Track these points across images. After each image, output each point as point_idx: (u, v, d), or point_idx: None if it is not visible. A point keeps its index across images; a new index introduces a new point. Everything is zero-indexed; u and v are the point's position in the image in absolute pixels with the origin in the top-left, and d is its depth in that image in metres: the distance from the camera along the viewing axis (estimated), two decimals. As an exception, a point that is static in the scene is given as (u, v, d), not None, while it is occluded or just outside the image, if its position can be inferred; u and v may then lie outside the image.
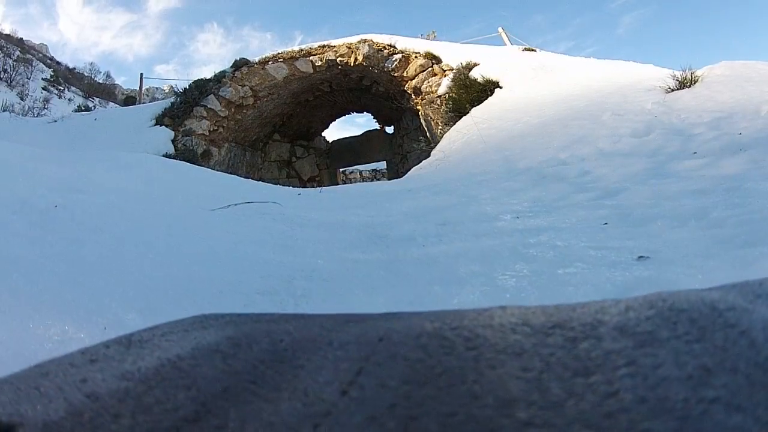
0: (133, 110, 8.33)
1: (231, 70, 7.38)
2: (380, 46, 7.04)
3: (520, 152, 2.98)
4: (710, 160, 1.80)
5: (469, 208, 2.08)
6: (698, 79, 3.47)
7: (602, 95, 3.96)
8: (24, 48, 39.85)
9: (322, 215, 2.36)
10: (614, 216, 1.55)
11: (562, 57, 6.79)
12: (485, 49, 7.32)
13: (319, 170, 9.78)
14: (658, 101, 3.25)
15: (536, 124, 3.76)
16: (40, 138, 7.24)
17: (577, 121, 3.23)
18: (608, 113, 3.20)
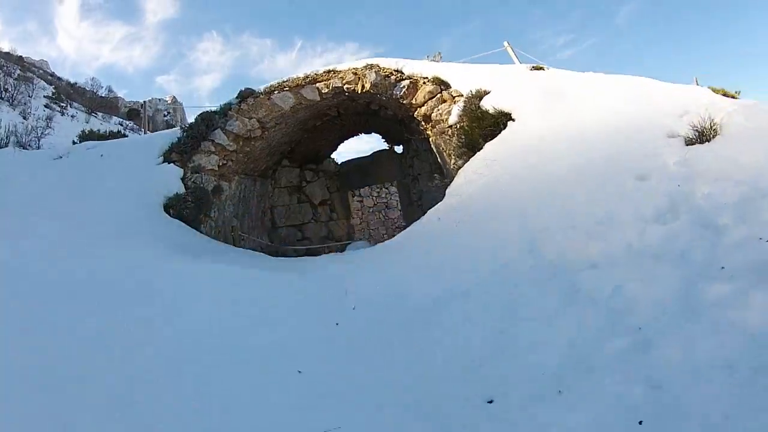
0: (139, 143, 8.36)
1: (236, 101, 7.42)
2: (387, 72, 7.04)
3: (542, 227, 2.97)
4: (739, 287, 1.76)
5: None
6: (717, 130, 3.41)
7: (619, 142, 3.91)
8: (24, 66, 40.40)
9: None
10: (650, 410, 1.51)
11: (572, 76, 6.74)
12: (493, 68, 7.29)
13: (330, 193, 9.81)
14: (679, 159, 3.21)
15: (554, 178, 3.74)
16: (49, 179, 7.31)
17: (599, 185, 3.22)
18: (630, 176, 3.18)
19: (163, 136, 8.29)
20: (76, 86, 45.58)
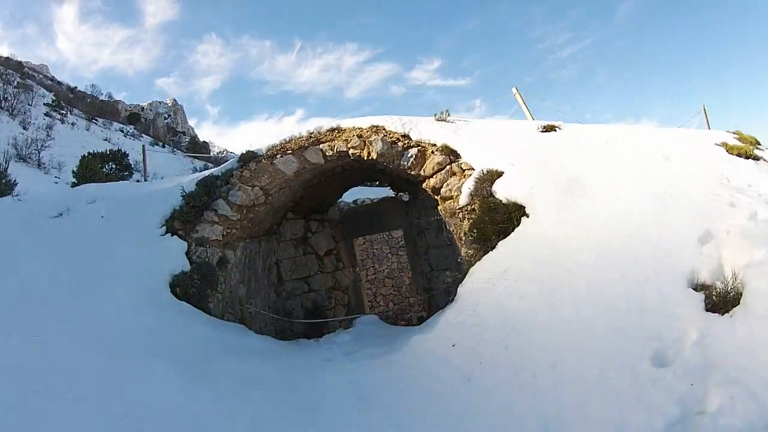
0: (140, 200, 8.18)
1: (238, 165, 7.31)
2: (393, 137, 6.87)
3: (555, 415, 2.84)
4: None
5: None
6: (739, 300, 3.21)
7: (636, 292, 3.73)
8: (24, 72, 40.43)
9: None
10: None
11: (586, 146, 6.54)
12: (503, 131, 7.11)
13: (336, 242, 9.70)
14: (697, 338, 3.07)
15: (568, 329, 3.61)
16: (49, 256, 7.20)
17: (613, 368, 3.08)
18: (646, 355, 3.06)
19: (164, 194, 8.09)
20: (76, 90, 45.58)
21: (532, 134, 6.99)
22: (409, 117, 7.40)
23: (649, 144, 6.95)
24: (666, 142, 7.30)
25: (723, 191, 5.09)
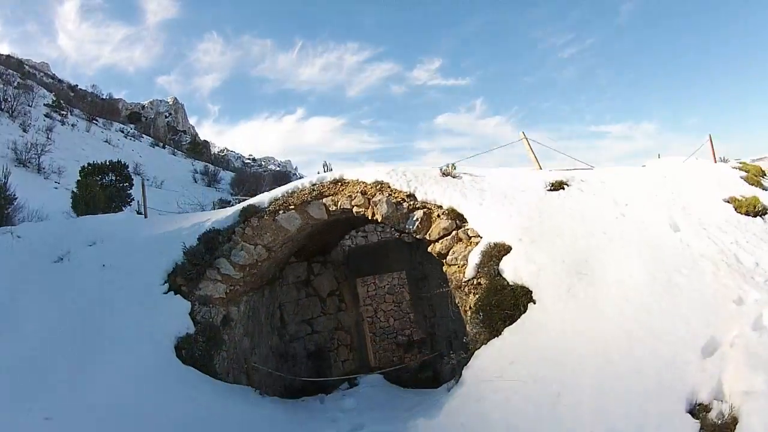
0: (142, 246, 8.14)
1: (240, 219, 7.30)
2: (398, 197, 6.84)
3: None
4: None
5: None
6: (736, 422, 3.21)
7: (636, 414, 3.73)
8: (24, 72, 40.31)
9: None
10: None
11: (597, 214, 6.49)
12: (510, 187, 7.06)
13: (338, 283, 9.70)
14: None
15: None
16: (56, 303, 7.21)
17: None
18: None
19: (164, 243, 8.00)
20: (77, 89, 45.54)
21: (540, 194, 6.93)
22: (414, 170, 7.36)
23: (658, 202, 6.90)
24: (674, 195, 7.26)
25: (731, 280, 5.06)
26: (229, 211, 7.73)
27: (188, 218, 8.84)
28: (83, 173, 18.52)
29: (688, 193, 7.51)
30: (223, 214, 7.86)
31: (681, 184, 7.94)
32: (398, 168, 7.45)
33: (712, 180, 8.59)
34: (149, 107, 51.52)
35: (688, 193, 7.56)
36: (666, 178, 8.15)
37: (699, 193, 7.55)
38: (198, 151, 42.50)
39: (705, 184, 8.10)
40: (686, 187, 7.84)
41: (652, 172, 8.86)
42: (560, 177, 7.46)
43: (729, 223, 6.56)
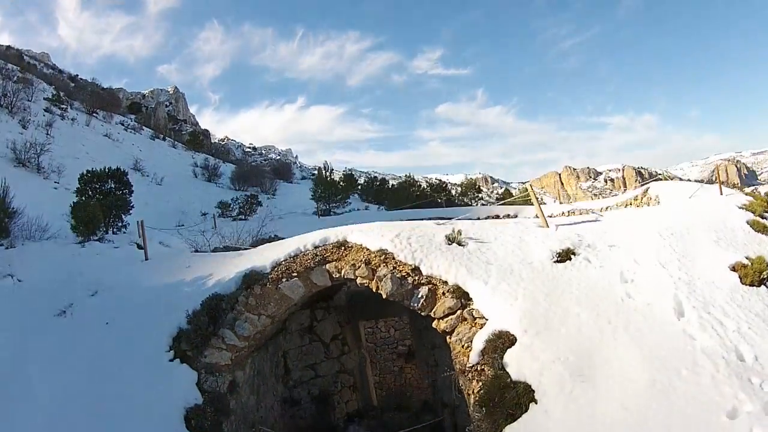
0: (145, 303, 8.17)
1: (243, 286, 7.32)
2: (403, 271, 6.85)
3: None
4: None
5: None
6: None
7: None
8: (24, 66, 39.88)
9: None
10: None
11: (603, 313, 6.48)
12: (515, 256, 7.04)
13: (341, 327, 9.78)
14: None
15: None
16: (62, 364, 7.30)
17: None
18: None
19: (169, 302, 7.94)
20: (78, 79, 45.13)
21: (546, 267, 6.91)
22: (419, 238, 7.32)
23: (664, 277, 6.88)
24: (681, 263, 7.23)
25: (728, 386, 5.05)
26: (231, 273, 7.72)
27: (190, 266, 8.84)
28: (82, 181, 18.47)
29: (694, 258, 7.48)
30: (226, 273, 7.87)
31: (687, 244, 7.90)
32: (403, 233, 7.44)
33: (719, 231, 8.57)
34: (150, 96, 51.14)
35: (694, 257, 7.53)
36: (673, 236, 8.11)
37: (705, 258, 7.52)
38: (198, 142, 42.31)
39: (711, 242, 8.06)
40: (692, 248, 7.81)
41: (659, 220, 8.82)
42: (568, 242, 7.43)
43: (733, 301, 6.55)
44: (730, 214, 9.54)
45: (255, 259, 7.97)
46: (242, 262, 8.06)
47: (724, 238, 8.41)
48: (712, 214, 9.52)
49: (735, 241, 8.39)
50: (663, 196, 13.65)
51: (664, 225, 8.59)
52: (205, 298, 7.35)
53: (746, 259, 7.62)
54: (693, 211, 9.60)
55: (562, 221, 8.71)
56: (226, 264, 8.36)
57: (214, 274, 8.07)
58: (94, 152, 31.27)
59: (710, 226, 8.83)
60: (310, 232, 8.23)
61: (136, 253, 10.41)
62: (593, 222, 8.67)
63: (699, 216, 9.26)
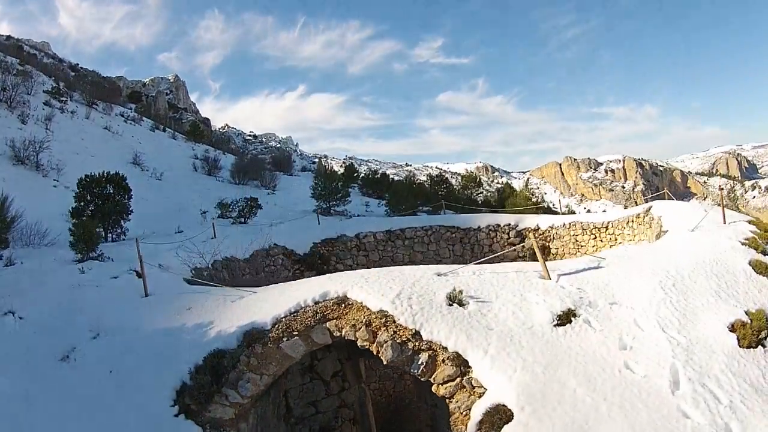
0: (148, 351, 8.21)
1: (245, 345, 7.40)
2: (404, 336, 6.90)
3: None
4: None
5: None
6: None
7: None
8: (23, 57, 39.45)
9: None
10: None
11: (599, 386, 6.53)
12: (515, 319, 7.09)
13: (341, 364, 9.90)
14: None
15: None
16: (69, 420, 7.40)
17: None
18: None
19: (170, 341, 8.06)
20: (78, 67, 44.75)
21: (546, 332, 6.95)
22: (419, 298, 7.33)
23: (662, 343, 6.92)
24: (681, 324, 7.27)
25: None
26: (233, 327, 7.74)
27: (190, 308, 8.87)
28: (81, 186, 18.46)
29: (695, 316, 7.51)
30: (227, 324, 7.91)
31: (689, 297, 7.91)
32: (404, 292, 7.47)
33: (720, 278, 8.60)
34: (150, 85, 50.74)
35: (695, 313, 7.56)
36: (675, 287, 8.12)
37: (705, 315, 7.56)
38: (198, 133, 42.13)
39: (712, 293, 8.07)
40: (693, 302, 7.83)
41: (662, 266, 8.83)
42: (569, 301, 7.45)
43: (729, 369, 6.60)
44: (733, 255, 9.55)
45: (255, 310, 8.01)
46: (243, 312, 8.11)
47: (726, 286, 8.45)
48: (714, 254, 9.53)
49: (736, 289, 8.44)
50: (666, 219, 13.61)
51: (667, 271, 8.60)
52: (207, 355, 7.43)
53: (746, 315, 7.67)
54: (696, 252, 9.59)
55: (563, 268, 8.72)
56: (226, 312, 8.41)
57: (215, 323, 8.13)
58: (93, 147, 31.11)
59: (712, 271, 8.86)
60: (310, 283, 8.30)
61: (136, 284, 10.39)
62: (595, 269, 8.68)
63: (701, 259, 9.26)
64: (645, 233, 15.11)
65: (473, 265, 8.71)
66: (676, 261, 9.08)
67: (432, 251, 20.16)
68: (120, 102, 42.08)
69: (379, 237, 19.98)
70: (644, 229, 15.20)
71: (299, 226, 20.57)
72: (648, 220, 14.96)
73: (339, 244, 19.58)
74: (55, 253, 14.46)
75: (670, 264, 8.92)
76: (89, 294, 10.23)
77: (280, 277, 17.84)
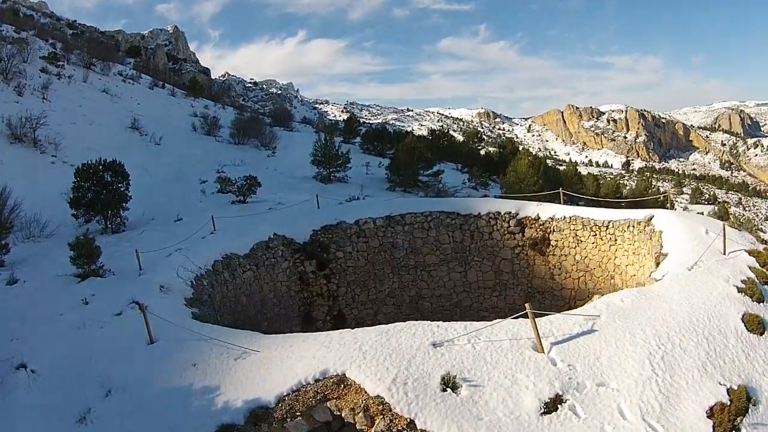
0: (157, 410, 8.52)
1: (251, 423, 7.81)
2: (399, 425, 7.27)
3: None
4: None
5: None
6: None
7: None
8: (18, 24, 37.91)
9: None
10: None
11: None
12: (503, 408, 7.40)
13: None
14: None
15: None
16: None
17: None
18: None
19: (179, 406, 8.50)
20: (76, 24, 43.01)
21: (532, 421, 7.29)
22: (415, 383, 7.62)
23: None
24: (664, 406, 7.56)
25: None
26: (239, 401, 8.10)
27: (195, 363, 9.18)
28: (78, 174, 18.46)
29: (678, 398, 7.75)
30: (233, 394, 8.27)
31: (675, 373, 8.11)
32: (399, 376, 7.74)
33: (711, 342, 8.82)
34: (149, 37, 49.02)
35: (677, 395, 7.79)
36: (663, 360, 8.29)
37: (688, 395, 7.84)
38: (198, 88, 41.27)
39: (699, 368, 8.30)
40: (678, 380, 8.02)
41: (654, 329, 9.00)
42: (557, 383, 7.72)
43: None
44: (726, 309, 9.74)
45: (258, 380, 8.33)
46: (247, 381, 8.41)
47: (714, 354, 8.69)
48: (708, 307, 9.72)
49: (725, 356, 8.70)
50: (666, 237, 13.61)
51: (658, 338, 8.72)
52: (217, 428, 7.85)
53: (728, 395, 7.98)
54: (690, 304, 9.71)
55: (557, 332, 8.92)
56: (230, 375, 8.69)
57: (221, 389, 8.44)
58: (91, 114, 30.74)
59: (703, 333, 9.04)
60: (310, 352, 8.57)
61: (138, 327, 10.33)
62: (589, 334, 8.86)
63: (695, 315, 9.42)
64: (644, 245, 15.19)
65: (469, 330, 8.91)
66: (670, 320, 9.21)
67: (432, 237, 20.28)
68: (118, 59, 40.90)
69: (379, 223, 20.00)
70: (644, 239, 15.26)
71: (299, 212, 20.51)
72: (649, 232, 14.99)
73: (338, 230, 19.60)
74: (56, 257, 14.60)
75: (662, 325, 9.06)
76: (95, 338, 10.43)
77: (281, 269, 18.24)
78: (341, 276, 19.73)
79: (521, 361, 8.23)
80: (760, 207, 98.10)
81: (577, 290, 18.91)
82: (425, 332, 8.94)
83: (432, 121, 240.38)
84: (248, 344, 9.41)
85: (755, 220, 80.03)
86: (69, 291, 12.60)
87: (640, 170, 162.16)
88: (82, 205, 18.26)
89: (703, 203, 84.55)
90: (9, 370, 9.63)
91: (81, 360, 9.96)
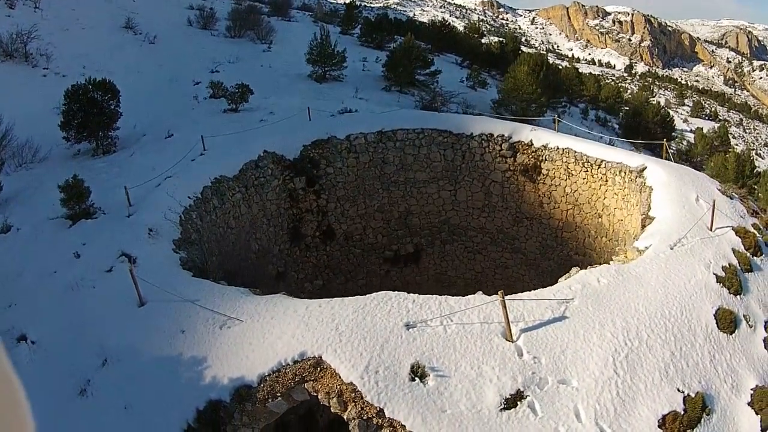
0: (153, 381, 8.93)
1: (236, 401, 8.43)
2: (370, 413, 7.79)
3: None
4: None
5: None
6: None
7: None
8: None
9: None
10: None
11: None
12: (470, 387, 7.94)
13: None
14: None
15: None
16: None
17: None
18: None
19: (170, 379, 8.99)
20: None
21: (492, 416, 7.76)
22: (385, 371, 8.04)
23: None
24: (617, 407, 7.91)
25: None
26: (224, 379, 8.63)
27: (184, 330, 9.63)
28: (67, 96, 17.86)
29: (633, 404, 7.90)
30: (220, 370, 8.79)
31: (635, 376, 8.19)
32: (372, 363, 8.14)
33: (678, 341, 8.94)
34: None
35: (633, 401, 7.92)
36: (627, 360, 8.41)
37: (644, 401, 8.11)
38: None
39: (661, 371, 8.34)
40: (637, 384, 8.10)
41: (624, 319, 9.21)
42: (520, 378, 8.12)
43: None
44: (701, 302, 9.81)
45: (242, 357, 8.84)
46: (232, 356, 8.93)
47: (680, 355, 8.86)
48: (683, 299, 9.74)
49: (689, 358, 8.87)
50: (655, 196, 13.40)
51: (626, 332, 8.81)
52: (205, 406, 8.48)
53: (683, 404, 8.23)
54: (666, 292, 9.74)
55: (529, 317, 9.18)
56: (216, 346, 9.20)
57: (210, 363, 8.94)
58: (84, 18, 28.89)
59: (672, 331, 9.09)
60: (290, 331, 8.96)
61: (129, 285, 10.33)
62: (560, 321, 9.07)
63: (669, 307, 9.47)
64: (634, 196, 15.02)
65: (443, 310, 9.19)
66: (642, 311, 9.23)
67: (423, 155, 19.90)
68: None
69: (370, 138, 19.46)
70: (635, 190, 15.03)
71: (289, 126, 19.59)
72: (639, 184, 14.72)
73: (329, 146, 19.08)
74: (47, 191, 14.60)
75: (634, 317, 9.06)
76: (88, 300, 10.58)
77: (270, 187, 18.21)
78: (331, 191, 19.62)
79: (489, 350, 8.57)
80: (760, 131, 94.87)
81: (564, 222, 18.94)
82: (400, 309, 9.16)
83: (435, 6, 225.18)
84: (232, 311, 9.75)
85: (754, 145, 78.15)
86: (61, 239, 12.66)
87: (643, 75, 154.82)
88: (73, 127, 17.90)
89: (704, 118, 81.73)
90: (11, 343, 9.94)
91: (76, 326, 10.25)
